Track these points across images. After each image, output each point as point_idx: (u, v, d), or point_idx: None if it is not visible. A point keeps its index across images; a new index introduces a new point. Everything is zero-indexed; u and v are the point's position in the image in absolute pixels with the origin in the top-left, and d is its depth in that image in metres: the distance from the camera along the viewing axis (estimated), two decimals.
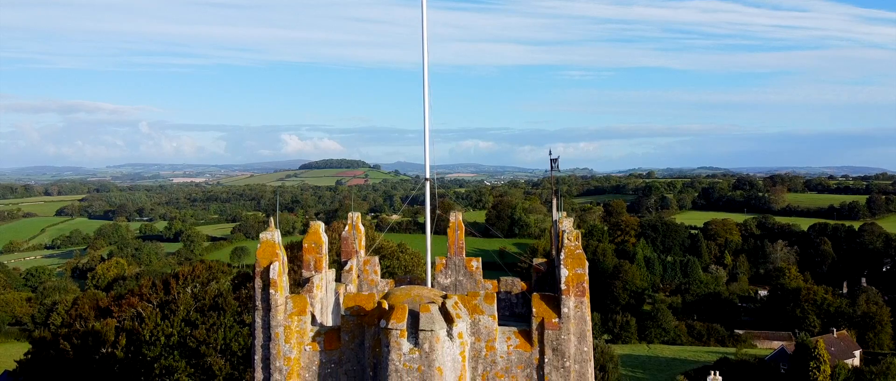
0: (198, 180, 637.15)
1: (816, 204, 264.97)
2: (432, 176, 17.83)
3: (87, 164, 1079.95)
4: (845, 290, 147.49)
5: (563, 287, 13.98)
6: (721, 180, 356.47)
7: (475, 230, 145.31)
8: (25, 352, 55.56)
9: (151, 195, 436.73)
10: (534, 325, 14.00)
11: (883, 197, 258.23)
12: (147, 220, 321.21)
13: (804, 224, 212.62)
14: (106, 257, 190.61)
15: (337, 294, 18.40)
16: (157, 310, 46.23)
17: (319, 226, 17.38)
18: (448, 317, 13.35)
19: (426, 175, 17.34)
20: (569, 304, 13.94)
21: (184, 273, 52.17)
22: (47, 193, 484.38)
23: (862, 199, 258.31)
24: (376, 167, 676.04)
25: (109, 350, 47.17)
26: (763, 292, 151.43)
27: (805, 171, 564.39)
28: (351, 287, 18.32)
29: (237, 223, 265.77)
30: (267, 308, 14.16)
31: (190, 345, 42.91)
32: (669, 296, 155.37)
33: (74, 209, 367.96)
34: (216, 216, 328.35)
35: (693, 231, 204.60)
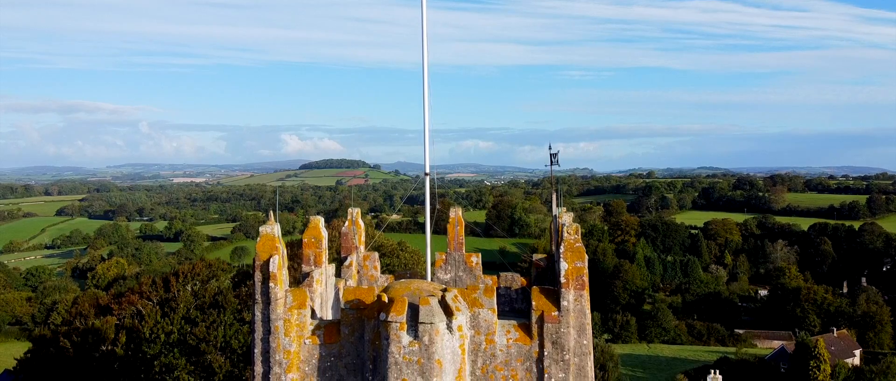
0: (198, 180, 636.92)
1: (816, 204, 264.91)
2: (432, 172, 17.78)
3: (88, 164, 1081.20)
4: (845, 290, 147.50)
5: (563, 280, 13.95)
6: (721, 180, 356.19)
7: (476, 230, 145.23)
8: (26, 351, 55.53)
9: (151, 195, 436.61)
10: (533, 318, 13.97)
11: (883, 197, 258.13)
12: (147, 220, 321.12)
13: (804, 224, 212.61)
14: (106, 256, 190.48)
15: (337, 289, 18.36)
16: (157, 308, 46.25)
17: (319, 220, 17.36)
18: (448, 310, 13.34)
19: (426, 170, 17.31)
20: (568, 297, 13.91)
21: (184, 271, 52.18)
22: (47, 193, 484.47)
23: (862, 199, 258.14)
24: (376, 167, 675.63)
25: (109, 348, 47.21)
26: (763, 291, 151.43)
27: (805, 171, 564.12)
28: (351, 283, 18.26)
29: (237, 223, 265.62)
30: (267, 302, 14.13)
31: (190, 343, 42.95)
32: (669, 296, 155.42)
33: (74, 209, 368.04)
34: (216, 216, 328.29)
35: (693, 231, 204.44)
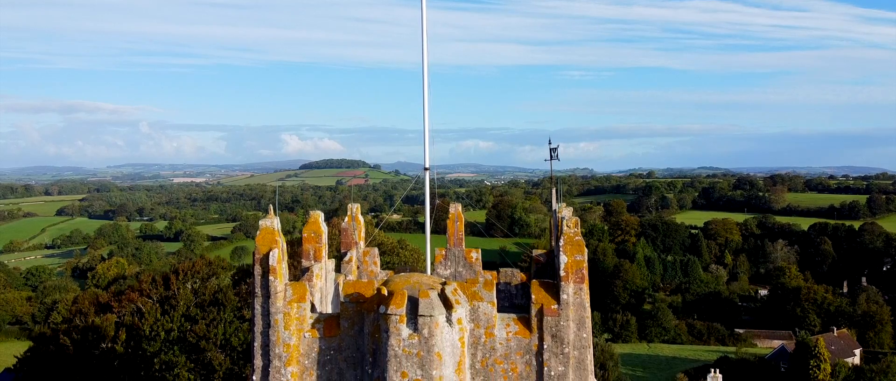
0: (198, 180, 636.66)
1: (817, 204, 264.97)
2: (432, 168, 17.80)
3: (88, 164, 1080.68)
4: (845, 289, 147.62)
5: (563, 274, 13.93)
6: (721, 180, 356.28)
7: (476, 229, 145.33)
8: (26, 350, 55.54)
9: (152, 195, 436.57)
10: (533, 311, 13.95)
11: (883, 197, 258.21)
12: (147, 220, 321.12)
13: (804, 224, 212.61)
14: (106, 256, 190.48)
15: (336, 284, 18.38)
16: (157, 305, 46.29)
17: (319, 215, 17.39)
18: (447, 303, 13.33)
19: (426, 164, 17.33)
20: (568, 290, 13.90)
21: (184, 269, 52.22)
22: (47, 193, 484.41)
23: (862, 198, 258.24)
24: (376, 167, 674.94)
25: (109, 346, 47.28)
26: (763, 291, 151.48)
27: (805, 171, 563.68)
28: (350, 278, 18.27)
29: (237, 223, 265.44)
30: (266, 295, 14.13)
31: (190, 340, 42.98)
32: (670, 295, 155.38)
33: (75, 209, 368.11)
34: (216, 216, 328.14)
35: (693, 231, 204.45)
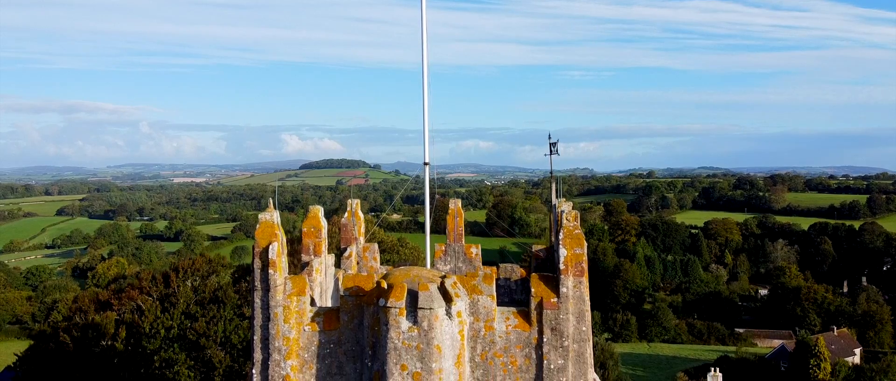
0: (198, 180, 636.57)
1: (817, 204, 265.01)
2: (431, 164, 17.78)
3: (88, 164, 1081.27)
4: (846, 289, 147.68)
5: (562, 267, 13.93)
6: (721, 180, 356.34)
7: (476, 229, 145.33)
8: (26, 349, 55.57)
9: (152, 195, 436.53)
10: (532, 305, 13.94)
11: (883, 197, 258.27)
12: (147, 219, 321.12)
13: (805, 224, 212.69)
14: (106, 256, 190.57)
15: (336, 279, 18.39)
16: (157, 303, 46.31)
17: (319, 210, 17.41)
18: (447, 296, 13.35)
19: (425, 159, 17.30)
20: (567, 283, 13.89)
21: (184, 267, 52.25)
22: (48, 192, 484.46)
23: (862, 198, 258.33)
24: (377, 167, 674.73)
25: (109, 343, 47.31)
26: (763, 291, 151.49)
27: (805, 170, 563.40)
28: (350, 273, 18.28)
29: (237, 223, 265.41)
30: (266, 289, 14.13)
31: (190, 338, 43.00)
32: (670, 295, 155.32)
33: (75, 209, 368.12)
34: (216, 216, 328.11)
35: (693, 231, 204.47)
